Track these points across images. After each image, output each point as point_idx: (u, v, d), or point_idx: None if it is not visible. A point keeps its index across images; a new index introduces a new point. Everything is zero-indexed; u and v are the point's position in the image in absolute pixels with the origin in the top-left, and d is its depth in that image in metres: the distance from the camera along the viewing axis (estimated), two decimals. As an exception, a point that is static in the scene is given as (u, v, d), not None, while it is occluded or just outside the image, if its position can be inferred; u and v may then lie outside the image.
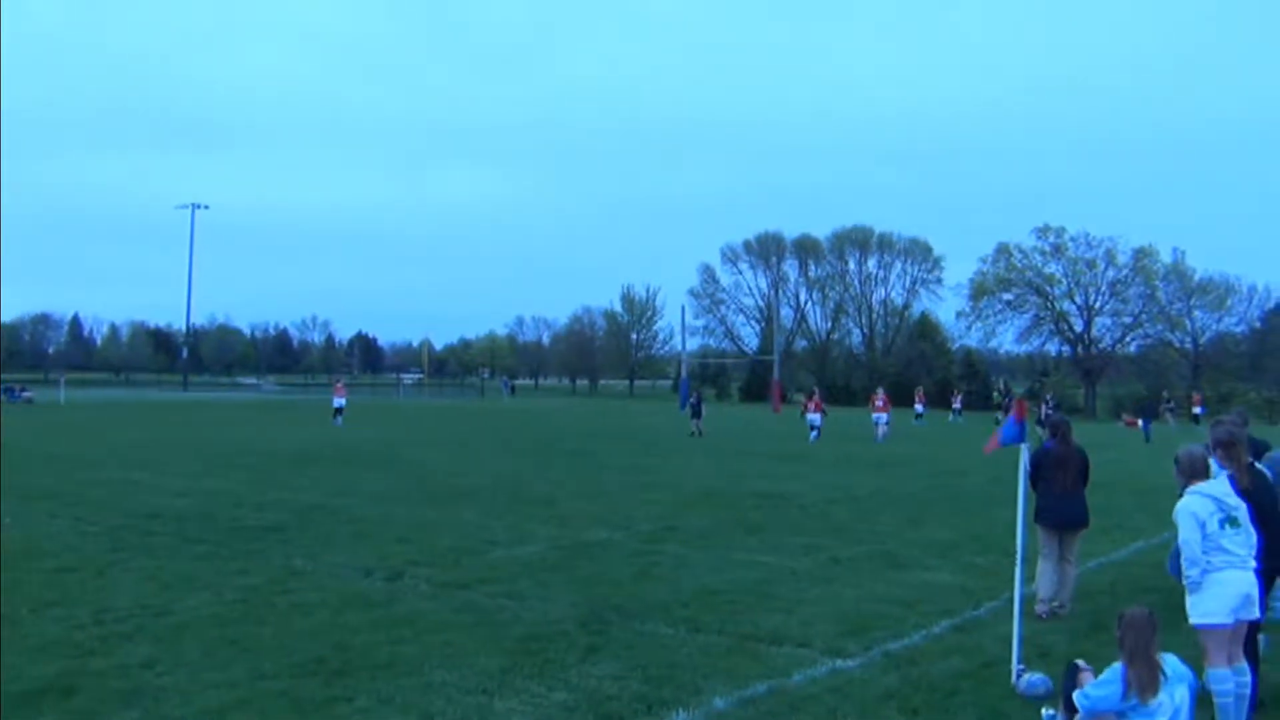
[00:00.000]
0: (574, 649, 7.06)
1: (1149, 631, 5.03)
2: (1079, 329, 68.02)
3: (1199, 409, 45.10)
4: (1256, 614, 5.73)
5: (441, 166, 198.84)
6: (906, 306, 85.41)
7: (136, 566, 9.80)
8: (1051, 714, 5.60)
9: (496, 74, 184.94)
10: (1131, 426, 40.42)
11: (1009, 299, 69.09)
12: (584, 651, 7.00)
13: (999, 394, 53.41)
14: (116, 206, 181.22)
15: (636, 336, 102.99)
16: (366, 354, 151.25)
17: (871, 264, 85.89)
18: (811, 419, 30.84)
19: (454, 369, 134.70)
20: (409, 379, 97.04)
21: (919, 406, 45.50)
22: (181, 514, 13.26)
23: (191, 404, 55.71)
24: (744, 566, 10.24)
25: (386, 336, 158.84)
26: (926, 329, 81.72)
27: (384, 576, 9.48)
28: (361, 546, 11.10)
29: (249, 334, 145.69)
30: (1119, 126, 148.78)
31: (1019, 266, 68.36)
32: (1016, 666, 6.45)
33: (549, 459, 22.84)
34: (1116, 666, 5.08)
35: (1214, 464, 6.11)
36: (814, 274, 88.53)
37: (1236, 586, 5.52)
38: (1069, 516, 8.62)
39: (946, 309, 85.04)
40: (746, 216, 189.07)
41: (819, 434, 30.45)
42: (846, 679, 6.50)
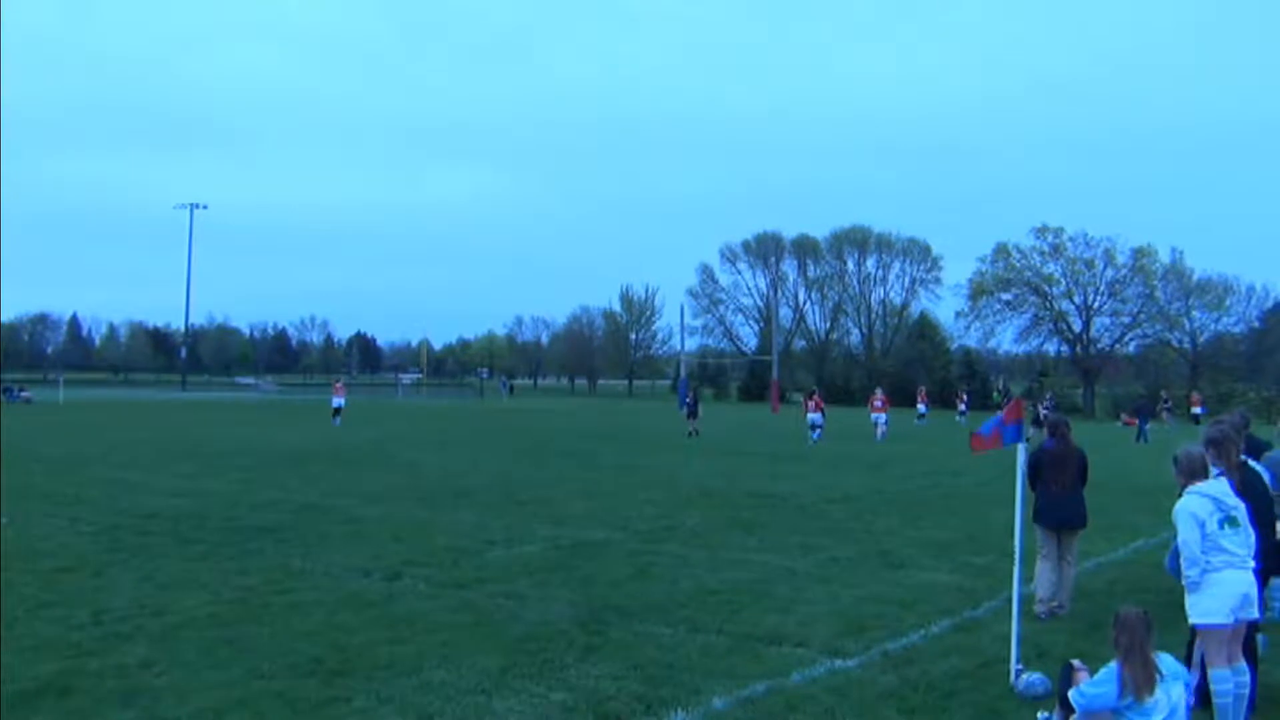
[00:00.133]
0: (572, 649, 7.05)
1: (1143, 631, 5.03)
2: (1078, 329, 68.05)
3: (1199, 409, 45.10)
4: (1256, 614, 5.73)
5: (440, 166, 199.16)
6: (905, 306, 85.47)
7: (134, 566, 9.80)
8: (1047, 716, 5.59)
9: (495, 73, 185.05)
10: (1131, 426, 40.43)
11: (1008, 299, 69.12)
12: (582, 651, 7.00)
13: (999, 394, 53.42)
14: (115, 206, 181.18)
15: (635, 336, 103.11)
16: (365, 354, 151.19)
17: (870, 264, 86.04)
18: (813, 419, 30.85)
19: (452, 369, 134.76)
20: (407, 379, 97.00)
21: (921, 406, 45.53)
22: (179, 514, 13.25)
23: (190, 404, 55.71)
24: (742, 566, 10.24)
25: (385, 336, 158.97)
26: (925, 329, 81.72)
27: (382, 576, 9.47)
28: (359, 546, 11.09)
29: (247, 334, 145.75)
30: (1118, 126, 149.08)
31: (1018, 266, 68.40)
32: (1015, 666, 6.45)
33: (547, 459, 22.84)
34: (1112, 666, 5.09)
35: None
36: (813, 274, 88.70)
37: (1236, 586, 5.52)
38: (1067, 516, 8.61)
39: (945, 309, 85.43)
40: (745, 216, 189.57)
41: (821, 434, 30.45)
42: (845, 679, 6.50)
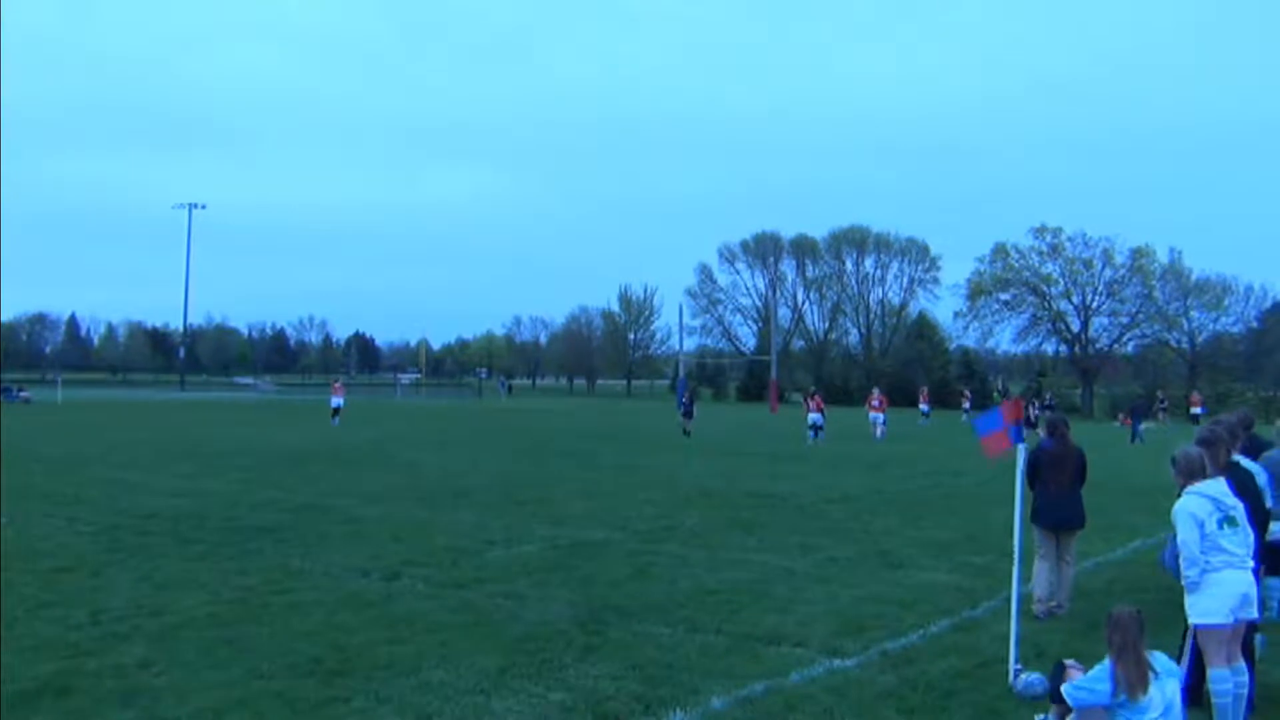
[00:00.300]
0: (571, 649, 7.05)
1: (1136, 630, 5.07)
2: (1076, 329, 68.04)
3: (1199, 409, 45.10)
4: (1255, 614, 5.73)
5: (439, 166, 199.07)
6: (904, 306, 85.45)
7: (132, 567, 9.79)
8: (1044, 717, 5.60)
9: (493, 73, 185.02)
10: (1129, 426, 40.41)
11: (1006, 299, 69.11)
12: (581, 651, 7.00)
13: (999, 394, 53.44)
14: (113, 206, 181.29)
15: (634, 336, 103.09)
16: (363, 354, 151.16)
17: (869, 264, 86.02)
18: (814, 419, 30.99)
19: (451, 369, 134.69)
20: (406, 379, 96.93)
21: (924, 406, 45.56)
22: (178, 514, 13.25)
23: (188, 404, 55.68)
24: (741, 566, 10.24)
25: (383, 336, 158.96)
26: (924, 329, 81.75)
27: (381, 576, 9.47)
28: (358, 546, 11.09)
29: (246, 334, 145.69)
30: (1117, 126, 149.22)
31: (1016, 266, 68.40)
32: (1014, 666, 6.46)
33: (546, 459, 22.83)
34: (1105, 665, 5.13)
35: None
36: (811, 274, 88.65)
37: (1235, 586, 5.52)
38: (1065, 517, 8.60)
39: (944, 309, 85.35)
40: (744, 216, 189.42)
41: (822, 434, 30.58)
42: (844, 679, 6.50)
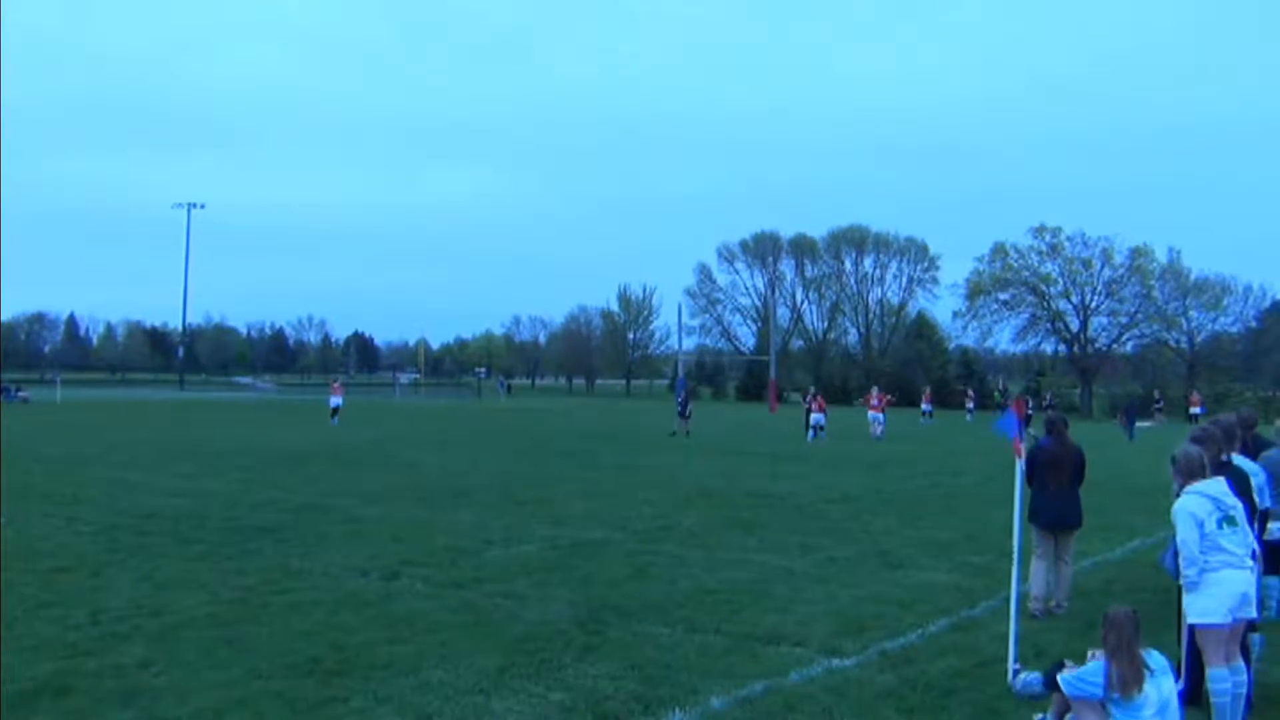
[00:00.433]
0: (571, 648, 7.05)
1: (1131, 629, 5.11)
2: (1075, 328, 68.06)
3: (1198, 409, 45.11)
4: (1254, 613, 5.74)
5: (437, 166, 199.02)
6: (903, 306, 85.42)
7: (132, 566, 9.79)
8: (1043, 717, 5.61)
9: (492, 73, 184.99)
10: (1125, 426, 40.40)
11: (1005, 298, 69.12)
12: (581, 651, 7.00)
13: (999, 394, 53.49)
14: (112, 206, 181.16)
15: (633, 336, 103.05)
16: (362, 353, 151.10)
17: (868, 263, 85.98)
18: (817, 419, 31.29)
19: (450, 368, 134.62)
20: (405, 378, 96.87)
21: (926, 406, 45.57)
22: (177, 514, 13.24)
23: (187, 404, 55.66)
24: (740, 566, 10.24)
25: (382, 336, 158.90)
26: (923, 328, 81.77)
27: (380, 576, 9.47)
28: (358, 546, 11.09)
29: (245, 333, 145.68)
30: (1116, 126, 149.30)
31: (1015, 266, 68.40)
32: (1012, 666, 6.45)
33: (545, 459, 22.83)
34: (1099, 663, 5.17)
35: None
36: (810, 273, 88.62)
37: (1234, 586, 5.53)
38: (1062, 517, 8.59)
39: (943, 308, 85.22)
40: (743, 216, 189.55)
41: (823, 433, 30.95)
42: (843, 678, 6.50)
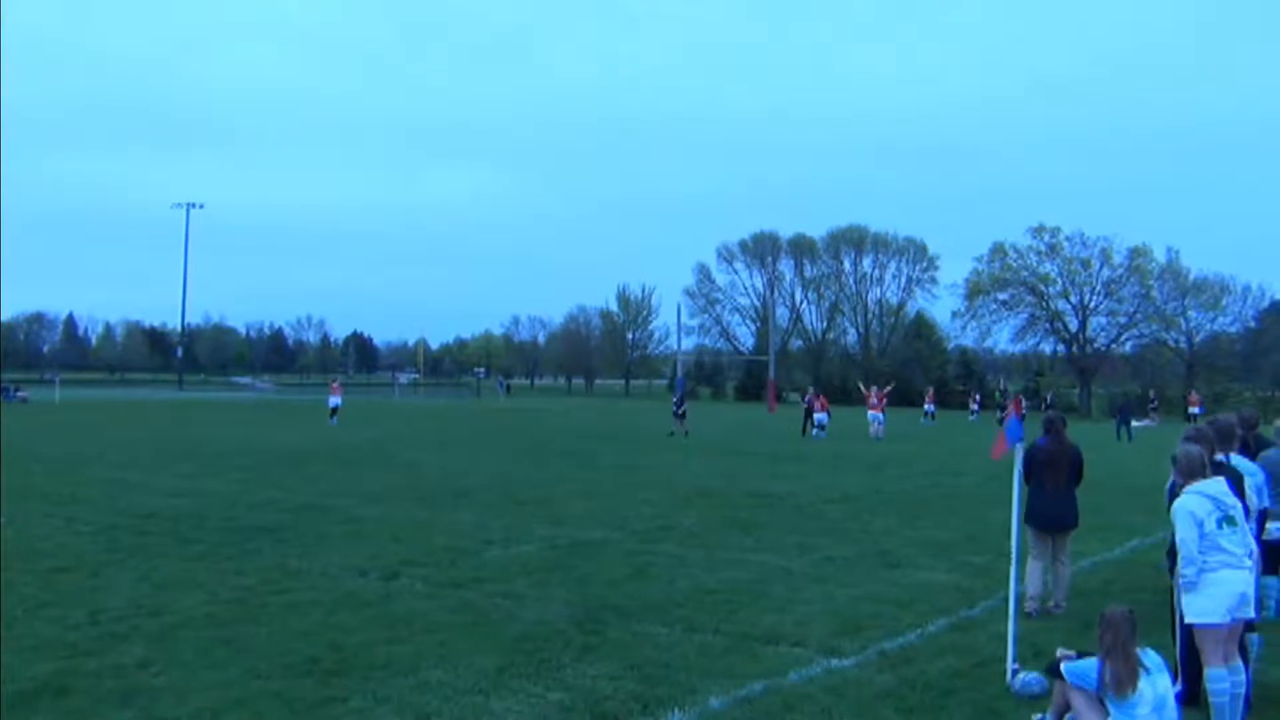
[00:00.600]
0: (570, 648, 7.05)
1: (1128, 630, 5.14)
2: (1074, 328, 68.08)
3: (1196, 409, 45.12)
4: (1252, 613, 5.74)
5: (437, 165, 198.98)
6: (902, 306, 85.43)
7: (131, 566, 9.79)
8: (1042, 716, 5.62)
9: (491, 73, 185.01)
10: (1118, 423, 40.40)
11: (1004, 298, 69.13)
12: (580, 651, 7.00)
13: (999, 394, 53.53)
14: (111, 206, 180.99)
15: (632, 336, 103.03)
16: (361, 353, 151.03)
17: (867, 263, 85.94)
18: (820, 418, 31.53)
19: (449, 368, 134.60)
20: (404, 378, 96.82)
21: (929, 406, 45.59)
22: (176, 514, 13.24)
23: (186, 403, 55.64)
24: (739, 566, 10.24)
25: (381, 336, 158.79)
26: (922, 328, 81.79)
27: (379, 576, 9.47)
28: (357, 546, 11.08)
29: (244, 333, 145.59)
30: (1116, 126, 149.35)
31: (1014, 266, 68.41)
32: (1011, 665, 6.46)
33: (545, 459, 22.82)
34: (1093, 662, 5.22)
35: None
36: (809, 273, 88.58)
37: (1233, 586, 5.53)
38: (1058, 518, 8.58)
39: (942, 308, 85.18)
40: (742, 216, 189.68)
41: (823, 432, 31.43)
42: (842, 678, 6.50)
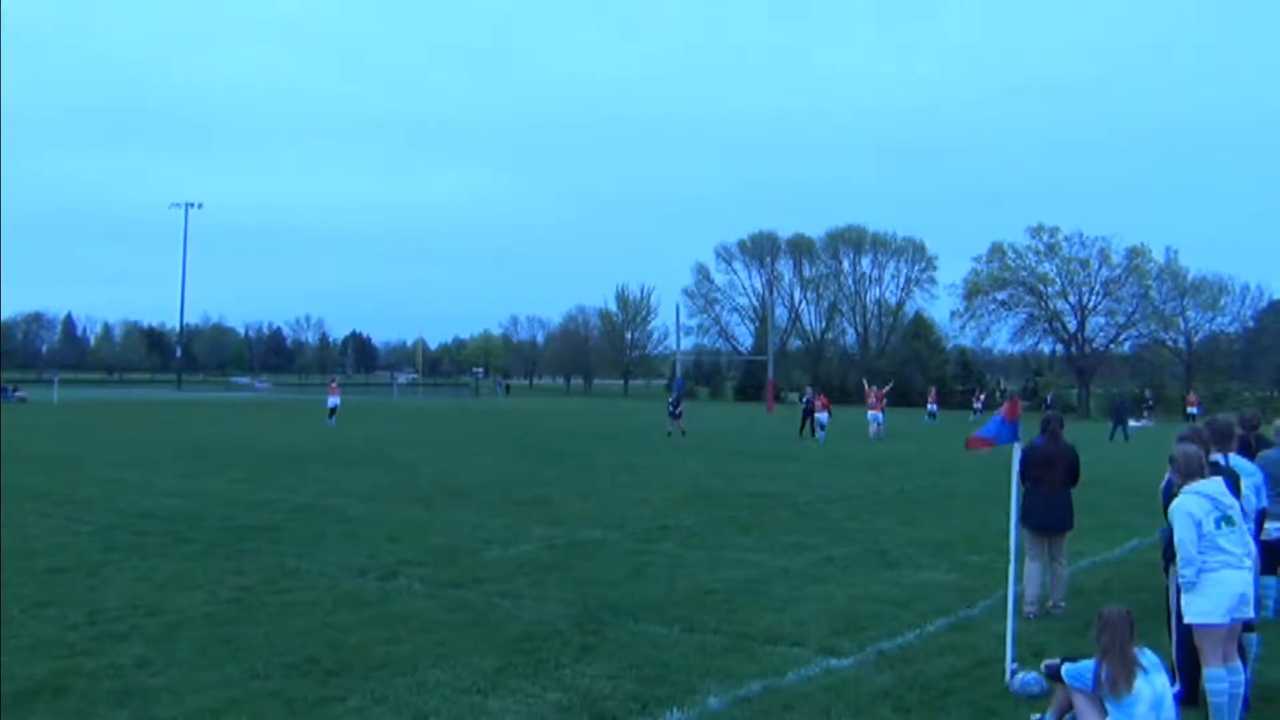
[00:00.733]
0: (568, 648, 7.05)
1: (1126, 630, 5.15)
2: (1073, 328, 68.03)
3: (1195, 409, 45.13)
4: (1251, 613, 5.73)
5: (435, 165, 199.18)
6: (900, 306, 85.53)
7: (129, 566, 9.77)
8: (1041, 717, 5.61)
9: (490, 73, 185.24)
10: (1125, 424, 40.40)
11: (1003, 298, 69.04)
12: (578, 651, 6.99)
13: (999, 394, 53.67)
14: (110, 206, 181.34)
15: (631, 336, 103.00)
16: (360, 353, 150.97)
17: (865, 263, 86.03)
18: (821, 418, 31.59)
19: (448, 369, 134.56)
20: (403, 378, 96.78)
21: (932, 405, 45.58)
22: (174, 513, 13.22)
23: (185, 403, 55.60)
24: (738, 566, 10.24)
25: (380, 336, 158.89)
26: (920, 328, 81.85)
27: (377, 576, 9.46)
28: (355, 546, 11.07)
29: (243, 333, 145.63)
30: (1115, 126, 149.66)
31: (1013, 266, 68.34)
32: (1010, 665, 6.45)
33: (543, 458, 22.82)
34: (1091, 662, 5.23)
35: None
36: (808, 273, 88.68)
37: (1233, 586, 5.52)
38: (1052, 520, 8.55)
39: (940, 308, 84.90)
40: (741, 216, 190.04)
41: (824, 433, 31.36)
42: (840, 678, 6.50)
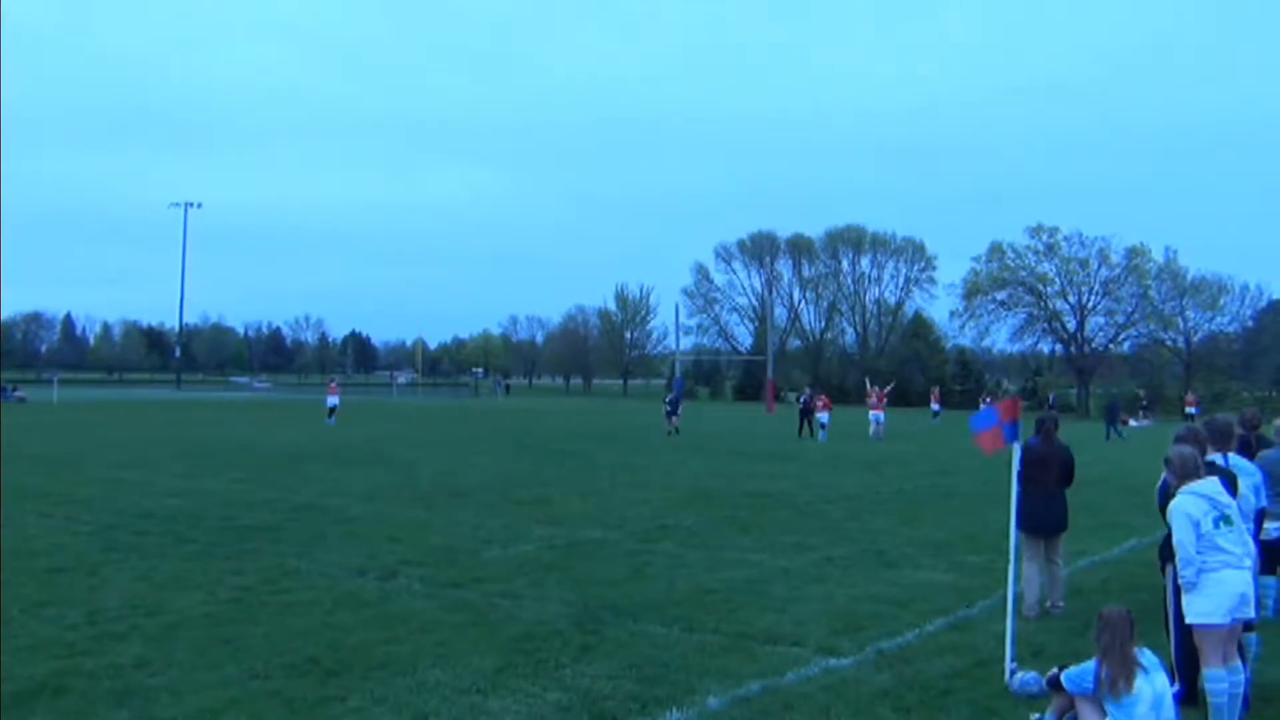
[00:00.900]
0: (568, 648, 7.05)
1: (1125, 630, 5.15)
2: (1072, 328, 68.01)
3: (1194, 409, 45.13)
4: (1252, 613, 5.73)
5: (435, 165, 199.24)
6: (900, 306, 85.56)
7: (128, 566, 9.77)
8: (1040, 716, 5.62)
9: (490, 73, 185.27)
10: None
11: (1002, 298, 69.00)
12: (578, 651, 6.99)
13: (1001, 394, 53.76)
14: (109, 205, 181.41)
15: (630, 335, 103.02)
16: (360, 353, 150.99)
17: (865, 263, 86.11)
18: (822, 418, 31.67)
19: (447, 368, 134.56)
20: (402, 378, 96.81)
21: (935, 405, 45.56)
22: (174, 513, 13.22)
23: (185, 403, 55.59)
24: (737, 565, 10.24)
25: (380, 335, 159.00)
26: (920, 328, 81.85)
27: (377, 576, 9.46)
28: (354, 546, 11.07)
29: (242, 333, 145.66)
30: (1115, 126, 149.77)
31: (1012, 266, 68.31)
32: (1009, 665, 6.46)
33: (543, 458, 22.82)
34: (1091, 663, 5.23)
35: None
36: (807, 273, 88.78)
37: (1233, 586, 5.52)
38: (1048, 521, 8.55)
39: (940, 308, 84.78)
40: (740, 216, 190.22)
41: (824, 432, 31.54)
42: (840, 678, 6.50)
